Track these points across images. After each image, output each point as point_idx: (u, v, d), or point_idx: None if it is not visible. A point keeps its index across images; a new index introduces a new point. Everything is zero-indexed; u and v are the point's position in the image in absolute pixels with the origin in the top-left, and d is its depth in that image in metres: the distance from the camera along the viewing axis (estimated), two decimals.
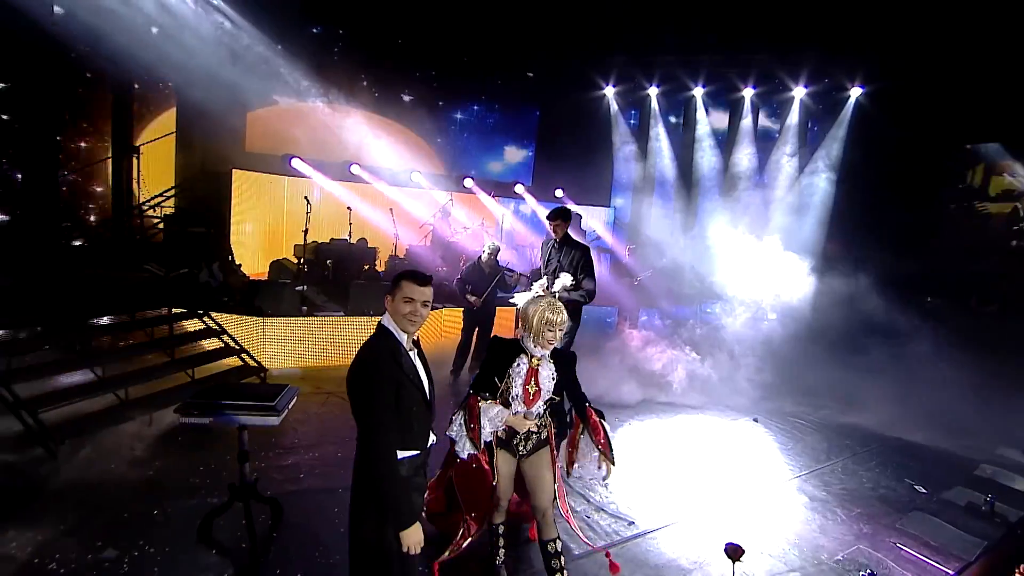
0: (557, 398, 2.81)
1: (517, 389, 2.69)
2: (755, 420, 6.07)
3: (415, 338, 2.29)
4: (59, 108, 7.89)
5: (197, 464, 4.17)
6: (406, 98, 11.79)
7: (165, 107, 9.78)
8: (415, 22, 10.19)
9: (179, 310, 6.19)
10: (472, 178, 11.08)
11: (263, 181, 9.78)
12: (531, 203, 11.53)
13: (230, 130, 9.14)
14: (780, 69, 10.92)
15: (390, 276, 7.88)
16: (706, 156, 11.78)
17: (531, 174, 13.30)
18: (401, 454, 2.16)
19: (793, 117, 11.01)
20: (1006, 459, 5.42)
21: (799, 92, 10.92)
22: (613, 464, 2.77)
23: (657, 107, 11.89)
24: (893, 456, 5.39)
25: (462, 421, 2.65)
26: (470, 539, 2.94)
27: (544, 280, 2.93)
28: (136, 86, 9.20)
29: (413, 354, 2.25)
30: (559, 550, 2.80)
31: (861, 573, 3.37)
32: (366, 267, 8.55)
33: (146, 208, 8.88)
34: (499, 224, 11.11)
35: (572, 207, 11.36)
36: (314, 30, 10.69)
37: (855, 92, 10.60)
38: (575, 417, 2.96)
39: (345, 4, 10.04)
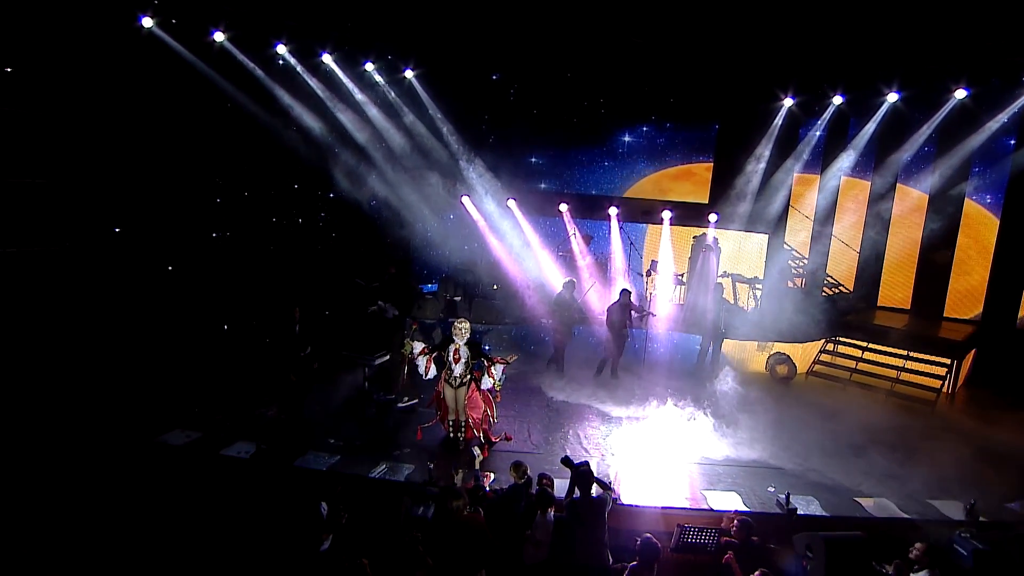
0: (475, 360, 6.84)
1: (449, 356, 6.78)
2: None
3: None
4: None
5: None
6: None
7: None
8: (584, 55, 10.89)
9: None
10: (616, 206, 11.47)
11: None
12: (666, 228, 11.19)
13: None
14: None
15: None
16: None
17: (707, 193, 12.80)
18: None
19: None
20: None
21: None
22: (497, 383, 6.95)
23: (828, 118, 10.25)
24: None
25: (424, 363, 6.97)
26: (436, 421, 7.13)
27: None
28: None
29: None
30: (461, 427, 6.87)
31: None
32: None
33: None
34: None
35: (712, 232, 10.79)
36: (493, 76, 12.52)
37: None
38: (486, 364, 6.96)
39: (519, 53, 11.31)
